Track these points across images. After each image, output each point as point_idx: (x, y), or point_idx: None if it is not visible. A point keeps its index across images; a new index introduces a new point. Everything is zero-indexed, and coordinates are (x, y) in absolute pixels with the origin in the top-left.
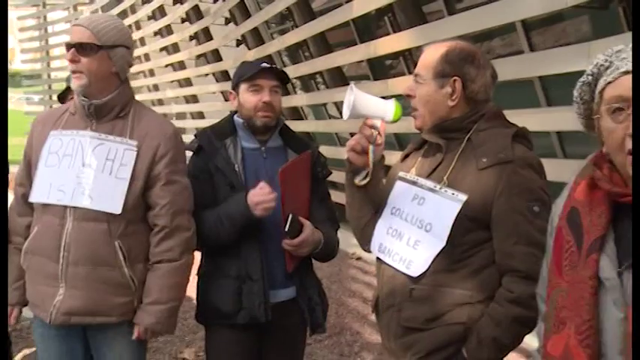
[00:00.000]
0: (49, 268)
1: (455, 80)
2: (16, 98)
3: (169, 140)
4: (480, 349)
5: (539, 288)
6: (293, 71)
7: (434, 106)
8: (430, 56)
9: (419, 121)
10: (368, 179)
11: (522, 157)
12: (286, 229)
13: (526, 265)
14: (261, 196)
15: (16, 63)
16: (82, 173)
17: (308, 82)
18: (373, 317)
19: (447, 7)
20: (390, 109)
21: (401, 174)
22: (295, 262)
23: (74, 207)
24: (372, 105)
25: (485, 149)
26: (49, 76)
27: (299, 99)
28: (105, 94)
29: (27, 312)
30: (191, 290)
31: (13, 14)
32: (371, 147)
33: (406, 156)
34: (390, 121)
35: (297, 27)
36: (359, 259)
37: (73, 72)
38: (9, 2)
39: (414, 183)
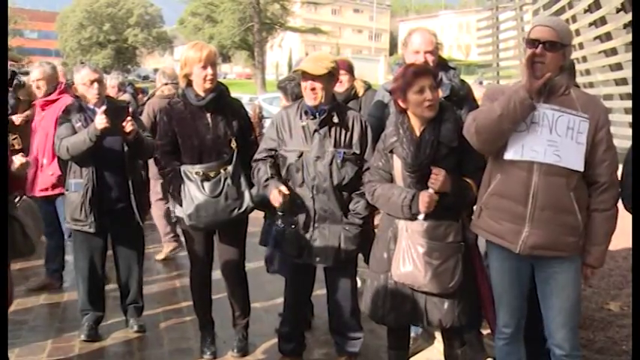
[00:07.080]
0: (517, 209)
1: None
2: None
3: (605, 114)
4: None
5: None
6: None
7: None
8: None
9: None
10: None
11: None
12: None
13: None
14: None
15: (471, 56)
16: (551, 138)
17: None
18: None
19: None
20: None
21: None
22: None
23: (541, 163)
24: None
25: None
26: (497, 64)
27: None
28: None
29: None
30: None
31: (472, 17)
32: None
33: None
34: None
35: None
36: None
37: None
38: (470, 9)
39: None
